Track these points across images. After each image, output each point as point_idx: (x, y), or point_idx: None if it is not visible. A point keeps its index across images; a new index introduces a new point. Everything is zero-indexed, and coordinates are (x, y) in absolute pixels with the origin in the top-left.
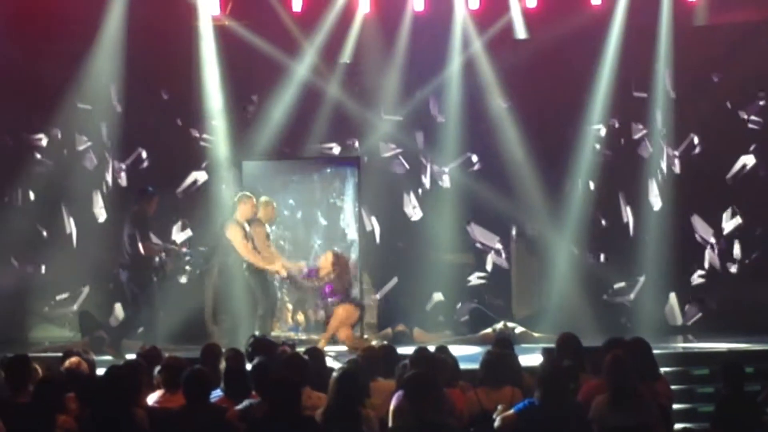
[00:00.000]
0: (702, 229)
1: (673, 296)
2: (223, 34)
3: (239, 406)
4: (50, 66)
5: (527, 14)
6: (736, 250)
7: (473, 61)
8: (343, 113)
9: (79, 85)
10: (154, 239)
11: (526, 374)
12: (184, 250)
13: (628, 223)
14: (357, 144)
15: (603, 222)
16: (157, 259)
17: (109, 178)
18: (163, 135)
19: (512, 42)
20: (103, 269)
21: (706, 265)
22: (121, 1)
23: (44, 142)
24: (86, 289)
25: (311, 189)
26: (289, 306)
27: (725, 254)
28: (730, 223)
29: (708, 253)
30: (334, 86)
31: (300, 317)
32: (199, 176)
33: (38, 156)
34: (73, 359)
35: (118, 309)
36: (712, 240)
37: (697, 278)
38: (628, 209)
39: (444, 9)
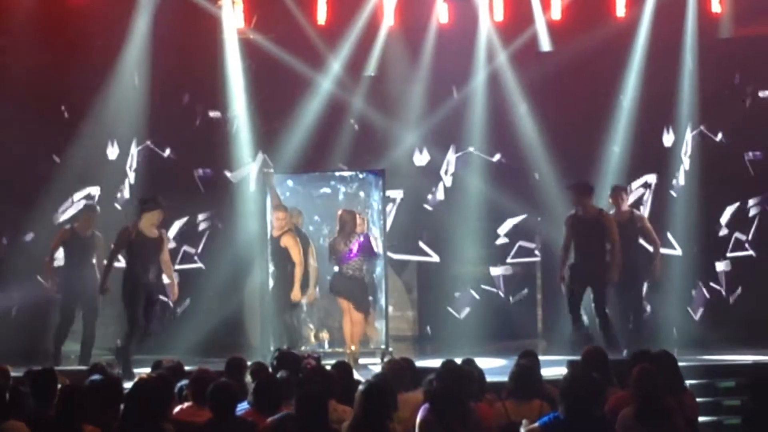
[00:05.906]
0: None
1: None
2: (248, 47)
3: (273, 418)
4: (77, 78)
5: (552, 26)
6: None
7: (498, 73)
8: (368, 126)
9: (105, 97)
10: None
11: (549, 386)
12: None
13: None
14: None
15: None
16: None
17: (126, 188)
18: (189, 147)
19: (537, 54)
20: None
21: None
22: (146, 14)
23: (69, 152)
24: None
25: (336, 204)
26: (311, 325)
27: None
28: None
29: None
30: (358, 99)
31: (324, 334)
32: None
33: (61, 163)
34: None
35: None
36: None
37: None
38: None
39: (469, 21)
